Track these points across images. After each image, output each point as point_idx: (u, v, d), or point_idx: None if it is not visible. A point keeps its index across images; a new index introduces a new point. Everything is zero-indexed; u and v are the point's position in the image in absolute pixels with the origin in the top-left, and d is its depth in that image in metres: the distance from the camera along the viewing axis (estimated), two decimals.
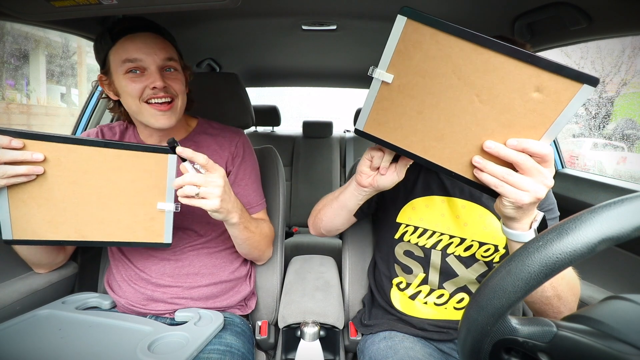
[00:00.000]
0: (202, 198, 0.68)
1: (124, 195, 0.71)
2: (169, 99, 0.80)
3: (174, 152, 0.65)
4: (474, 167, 0.56)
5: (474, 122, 0.55)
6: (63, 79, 4.14)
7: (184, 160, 0.67)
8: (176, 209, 0.73)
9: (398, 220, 0.90)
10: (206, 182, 0.67)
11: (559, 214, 0.85)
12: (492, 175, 0.54)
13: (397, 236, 0.90)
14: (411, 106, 0.57)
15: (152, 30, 0.81)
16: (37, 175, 0.66)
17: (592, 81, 0.49)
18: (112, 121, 1.42)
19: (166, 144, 0.65)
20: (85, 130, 1.41)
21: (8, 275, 0.92)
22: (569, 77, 0.49)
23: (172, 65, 0.81)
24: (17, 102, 3.57)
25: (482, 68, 0.52)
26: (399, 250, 0.90)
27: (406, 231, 0.89)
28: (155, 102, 0.79)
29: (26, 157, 0.64)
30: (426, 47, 0.54)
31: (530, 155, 0.52)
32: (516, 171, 0.53)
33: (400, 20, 0.54)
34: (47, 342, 0.71)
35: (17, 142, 0.63)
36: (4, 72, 3.38)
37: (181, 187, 0.67)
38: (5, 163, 0.63)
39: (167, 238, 0.75)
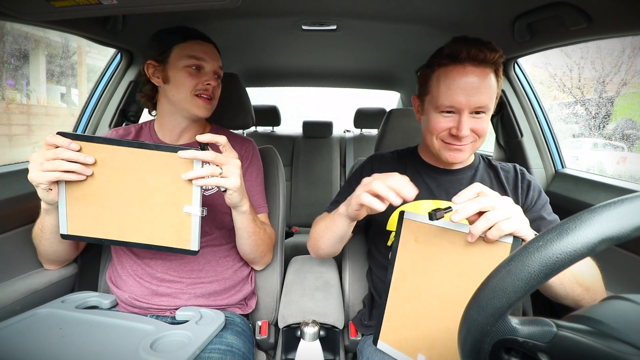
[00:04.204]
0: (224, 177, 0.71)
1: (157, 196, 0.73)
2: (210, 97, 0.94)
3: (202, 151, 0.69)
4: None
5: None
6: (63, 79, 4.14)
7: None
8: (202, 214, 0.74)
9: (388, 228, 0.90)
10: (227, 161, 0.72)
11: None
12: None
13: (389, 243, 0.90)
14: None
15: (214, 44, 0.98)
16: (89, 176, 0.72)
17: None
18: (116, 112, 1.42)
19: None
20: (85, 130, 1.40)
21: (8, 275, 0.92)
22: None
23: (220, 73, 0.97)
24: (17, 102, 3.57)
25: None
26: None
27: None
28: (202, 96, 0.92)
29: (80, 158, 0.70)
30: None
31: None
32: None
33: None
34: (47, 341, 0.71)
35: (75, 144, 0.70)
36: (4, 72, 3.38)
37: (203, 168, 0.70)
38: (63, 159, 0.69)
39: (193, 245, 0.75)
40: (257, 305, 1.07)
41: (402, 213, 0.69)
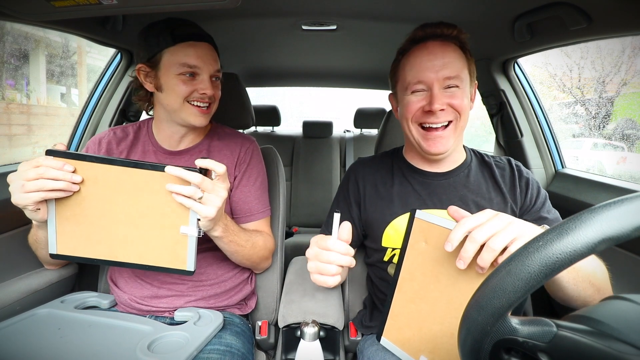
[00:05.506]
0: (201, 203, 0.69)
1: (152, 216, 0.72)
2: (208, 104, 0.88)
3: (199, 173, 0.67)
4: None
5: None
6: (63, 79, 4.14)
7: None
8: (199, 234, 0.72)
9: (383, 244, 0.87)
10: (213, 190, 0.69)
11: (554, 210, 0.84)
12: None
13: (386, 258, 0.88)
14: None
15: (209, 41, 0.88)
16: (78, 194, 0.70)
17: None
18: (116, 112, 1.43)
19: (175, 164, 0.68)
20: (85, 130, 1.41)
21: (8, 275, 0.92)
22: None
23: (218, 75, 0.90)
24: (17, 102, 3.57)
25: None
26: (391, 270, 0.89)
27: (394, 254, 0.87)
28: (197, 105, 0.86)
29: (66, 177, 0.67)
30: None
31: None
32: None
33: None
34: (46, 341, 0.71)
35: (69, 166, 0.68)
36: (4, 72, 3.38)
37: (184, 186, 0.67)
38: (48, 179, 0.66)
39: (189, 265, 0.74)
40: (257, 305, 1.07)
41: (413, 211, 0.67)
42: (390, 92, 0.93)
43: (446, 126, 0.78)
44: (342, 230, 0.62)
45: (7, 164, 1.10)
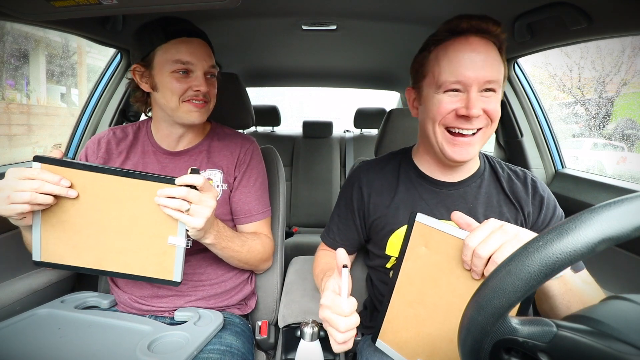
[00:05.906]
0: (189, 215, 0.68)
1: (140, 226, 0.71)
2: (203, 101, 0.87)
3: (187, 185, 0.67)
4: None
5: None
6: (63, 79, 4.15)
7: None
8: (187, 245, 0.72)
9: (387, 252, 0.85)
10: (200, 201, 0.68)
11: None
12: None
13: (389, 265, 0.87)
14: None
15: (202, 37, 0.87)
16: (65, 201, 0.69)
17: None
18: (116, 112, 1.43)
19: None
20: (85, 130, 1.41)
21: (8, 275, 0.92)
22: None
23: (214, 72, 0.89)
24: (17, 102, 3.58)
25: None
26: None
27: None
28: (193, 101, 0.85)
29: (62, 193, 0.67)
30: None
31: None
32: None
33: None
34: (46, 341, 0.71)
35: (65, 181, 0.67)
36: (4, 72, 3.38)
37: (171, 198, 0.67)
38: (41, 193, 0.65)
39: (176, 276, 0.73)
40: (257, 305, 1.07)
41: (413, 214, 0.64)
42: (408, 87, 0.86)
43: (475, 133, 0.71)
44: (341, 259, 0.63)
45: (7, 164, 1.10)
